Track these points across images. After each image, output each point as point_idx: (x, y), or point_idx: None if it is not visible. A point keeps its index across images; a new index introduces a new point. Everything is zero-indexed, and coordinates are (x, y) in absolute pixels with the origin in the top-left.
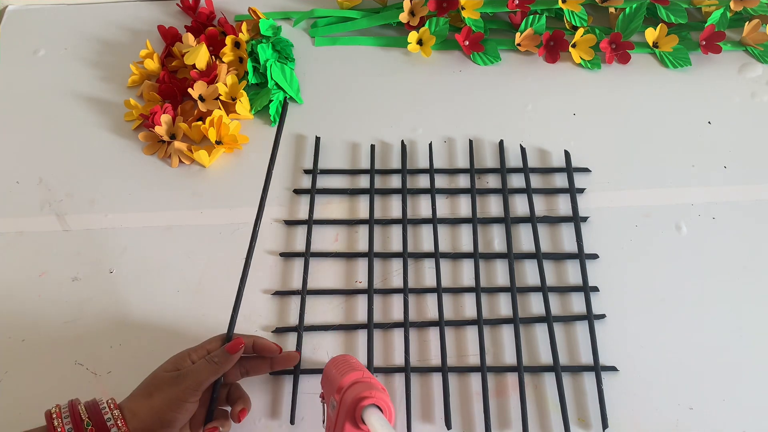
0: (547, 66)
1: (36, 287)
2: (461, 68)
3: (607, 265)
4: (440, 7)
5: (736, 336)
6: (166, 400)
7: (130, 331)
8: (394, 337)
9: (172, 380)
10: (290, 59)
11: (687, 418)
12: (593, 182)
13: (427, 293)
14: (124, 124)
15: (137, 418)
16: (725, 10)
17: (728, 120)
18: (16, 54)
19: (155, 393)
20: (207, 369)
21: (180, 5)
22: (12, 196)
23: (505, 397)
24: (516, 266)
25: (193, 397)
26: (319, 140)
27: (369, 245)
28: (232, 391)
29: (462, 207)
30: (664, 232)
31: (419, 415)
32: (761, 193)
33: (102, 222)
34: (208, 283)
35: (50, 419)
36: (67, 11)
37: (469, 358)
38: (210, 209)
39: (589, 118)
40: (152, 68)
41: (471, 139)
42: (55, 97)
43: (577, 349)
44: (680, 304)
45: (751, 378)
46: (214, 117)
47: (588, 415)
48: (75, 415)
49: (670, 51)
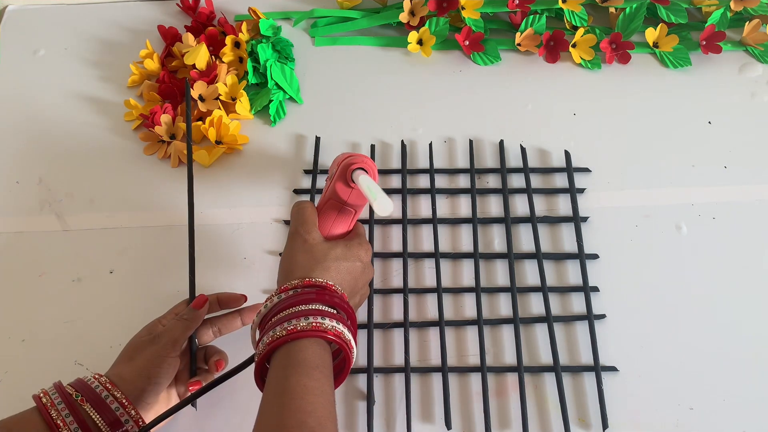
0: (547, 66)
1: (36, 287)
2: (461, 68)
3: (607, 265)
4: (440, 7)
5: (736, 336)
6: (147, 359)
7: (129, 331)
8: (394, 337)
9: (149, 341)
10: (290, 59)
11: (687, 418)
12: (593, 182)
13: (427, 293)
14: (124, 124)
15: (124, 380)
16: (725, 10)
17: (728, 120)
18: (16, 54)
19: (136, 356)
20: (179, 326)
21: (180, 5)
22: (12, 196)
23: (505, 397)
24: (516, 266)
25: (172, 353)
26: (319, 140)
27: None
28: (208, 351)
29: (462, 207)
30: (664, 232)
31: (419, 416)
32: (761, 193)
33: (102, 222)
34: (208, 283)
35: (38, 399)
36: (67, 11)
37: (469, 358)
38: (210, 209)
39: (589, 118)
40: (152, 68)
41: (471, 139)
42: (55, 97)
43: (577, 349)
44: (680, 304)
45: (751, 378)
46: (214, 117)
47: (588, 415)
48: (62, 392)
49: (671, 51)
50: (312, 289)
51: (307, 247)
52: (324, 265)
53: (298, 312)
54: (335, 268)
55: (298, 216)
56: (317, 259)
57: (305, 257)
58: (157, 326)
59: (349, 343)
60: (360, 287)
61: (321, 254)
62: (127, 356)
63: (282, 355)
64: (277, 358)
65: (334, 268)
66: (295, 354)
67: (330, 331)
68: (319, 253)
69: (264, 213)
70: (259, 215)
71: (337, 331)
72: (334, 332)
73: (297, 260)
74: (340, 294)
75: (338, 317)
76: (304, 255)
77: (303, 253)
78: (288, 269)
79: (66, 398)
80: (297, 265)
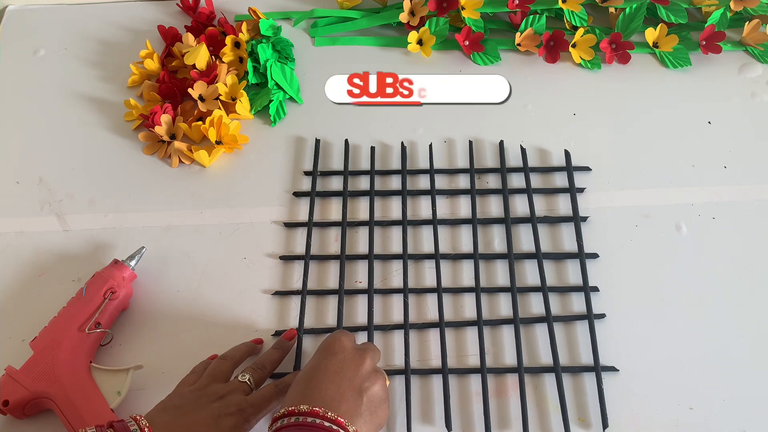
0: (547, 66)
1: (36, 287)
2: (461, 68)
3: (607, 265)
4: (440, 7)
5: (736, 336)
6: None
7: (129, 331)
8: (394, 337)
9: (222, 410)
10: (290, 59)
11: (687, 418)
12: (593, 182)
13: (428, 293)
14: (124, 124)
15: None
16: (725, 10)
17: (728, 120)
18: (16, 54)
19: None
20: (268, 392)
21: (180, 5)
22: (12, 196)
23: (505, 398)
24: (516, 266)
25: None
26: (319, 142)
27: (369, 247)
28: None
29: (462, 207)
30: (664, 232)
31: (419, 417)
32: (761, 193)
33: (102, 222)
34: (208, 283)
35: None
36: (67, 11)
37: (469, 358)
38: (210, 209)
39: (589, 118)
40: (152, 68)
41: (471, 139)
42: (55, 97)
43: (577, 349)
44: (680, 304)
45: (751, 378)
46: (214, 117)
47: (588, 415)
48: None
49: (670, 51)
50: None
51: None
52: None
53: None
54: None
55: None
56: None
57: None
58: (223, 392)
59: None
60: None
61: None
62: (179, 411)
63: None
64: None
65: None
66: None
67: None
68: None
69: (264, 213)
70: (258, 216)
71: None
72: None
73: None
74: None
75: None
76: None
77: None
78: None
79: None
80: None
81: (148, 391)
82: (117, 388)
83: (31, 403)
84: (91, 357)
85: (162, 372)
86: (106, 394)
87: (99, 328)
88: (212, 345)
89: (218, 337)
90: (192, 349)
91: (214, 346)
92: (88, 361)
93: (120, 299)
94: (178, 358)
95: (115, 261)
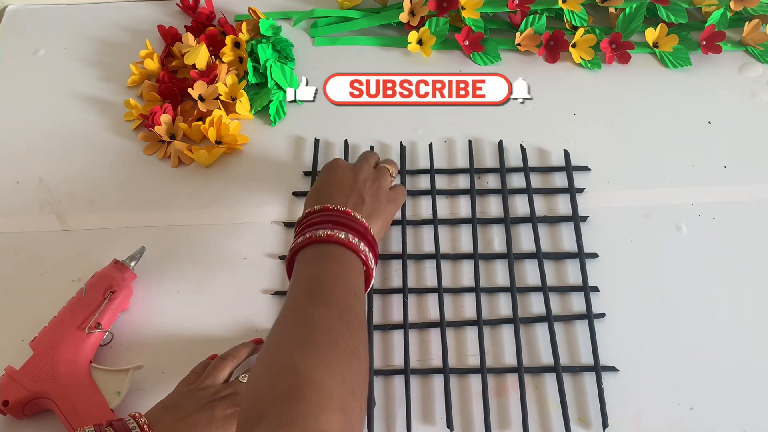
0: (547, 66)
1: (36, 287)
2: (461, 68)
3: (607, 265)
4: (440, 7)
5: (736, 336)
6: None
7: (129, 331)
8: (393, 338)
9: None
10: (290, 59)
11: (687, 418)
12: (593, 182)
13: (428, 294)
14: (124, 124)
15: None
16: (725, 10)
17: (728, 120)
18: (16, 54)
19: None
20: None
21: (180, 5)
22: (12, 196)
23: (505, 397)
24: (516, 266)
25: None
26: (318, 142)
27: None
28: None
29: (462, 207)
30: (664, 232)
31: (419, 417)
32: (761, 193)
33: (102, 222)
34: (208, 283)
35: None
36: (67, 11)
37: (469, 358)
38: (210, 209)
39: (589, 118)
40: (152, 68)
41: (470, 139)
42: (55, 97)
43: (577, 348)
44: (680, 304)
45: (751, 378)
46: (214, 117)
47: (588, 415)
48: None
49: (670, 51)
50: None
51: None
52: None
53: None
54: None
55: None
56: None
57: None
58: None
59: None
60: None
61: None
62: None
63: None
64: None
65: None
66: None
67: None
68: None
69: (264, 213)
70: (258, 216)
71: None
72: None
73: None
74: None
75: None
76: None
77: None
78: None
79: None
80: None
81: (148, 391)
82: (117, 388)
83: (30, 403)
84: (90, 357)
85: (162, 372)
86: (106, 394)
87: (99, 328)
88: (212, 345)
89: (218, 337)
90: (192, 349)
91: (214, 346)
92: (88, 361)
93: (120, 299)
94: (178, 358)
95: (115, 261)
